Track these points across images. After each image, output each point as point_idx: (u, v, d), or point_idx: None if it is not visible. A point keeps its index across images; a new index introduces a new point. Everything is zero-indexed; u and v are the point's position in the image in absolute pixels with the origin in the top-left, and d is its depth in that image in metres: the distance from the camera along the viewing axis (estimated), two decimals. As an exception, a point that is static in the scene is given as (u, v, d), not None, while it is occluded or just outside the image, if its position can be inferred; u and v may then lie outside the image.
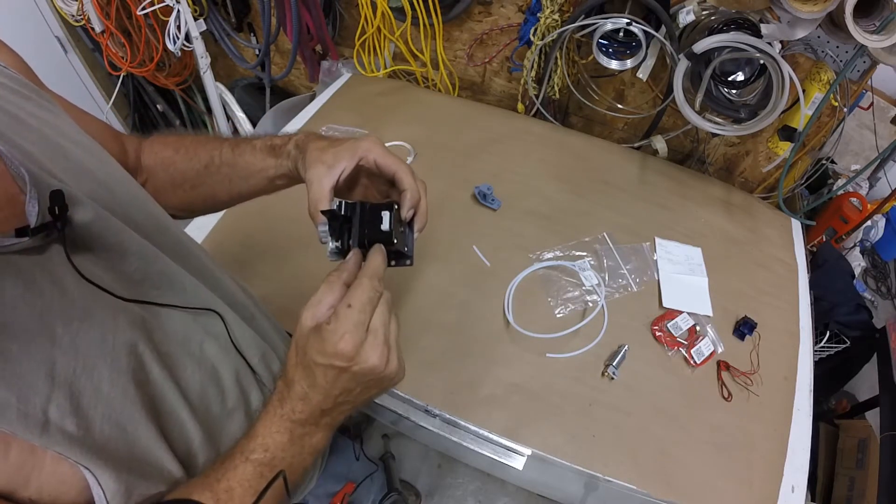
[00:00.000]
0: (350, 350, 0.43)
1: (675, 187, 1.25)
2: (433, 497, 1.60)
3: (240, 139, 0.62)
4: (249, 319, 0.61)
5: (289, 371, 0.47)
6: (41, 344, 0.36)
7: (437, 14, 1.31)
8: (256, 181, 0.61)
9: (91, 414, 0.38)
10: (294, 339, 0.47)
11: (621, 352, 0.91)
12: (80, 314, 0.39)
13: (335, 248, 0.50)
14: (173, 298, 0.49)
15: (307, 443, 0.48)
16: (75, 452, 0.36)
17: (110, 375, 0.40)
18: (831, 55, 1.09)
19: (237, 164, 0.60)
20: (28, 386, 0.35)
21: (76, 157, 0.46)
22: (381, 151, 0.53)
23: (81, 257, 0.41)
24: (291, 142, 0.58)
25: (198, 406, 0.49)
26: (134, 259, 0.46)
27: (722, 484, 0.80)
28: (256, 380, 0.59)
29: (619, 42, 1.15)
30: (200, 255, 0.57)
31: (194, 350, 0.50)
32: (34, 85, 0.48)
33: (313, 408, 0.46)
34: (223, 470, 0.45)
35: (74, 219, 0.40)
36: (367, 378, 0.46)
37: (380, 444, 1.45)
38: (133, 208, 0.48)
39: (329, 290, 0.47)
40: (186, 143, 0.63)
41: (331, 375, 0.44)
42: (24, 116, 0.44)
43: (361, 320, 0.44)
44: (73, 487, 0.37)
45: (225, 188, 0.62)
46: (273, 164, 0.59)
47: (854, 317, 1.51)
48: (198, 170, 0.62)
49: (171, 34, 1.62)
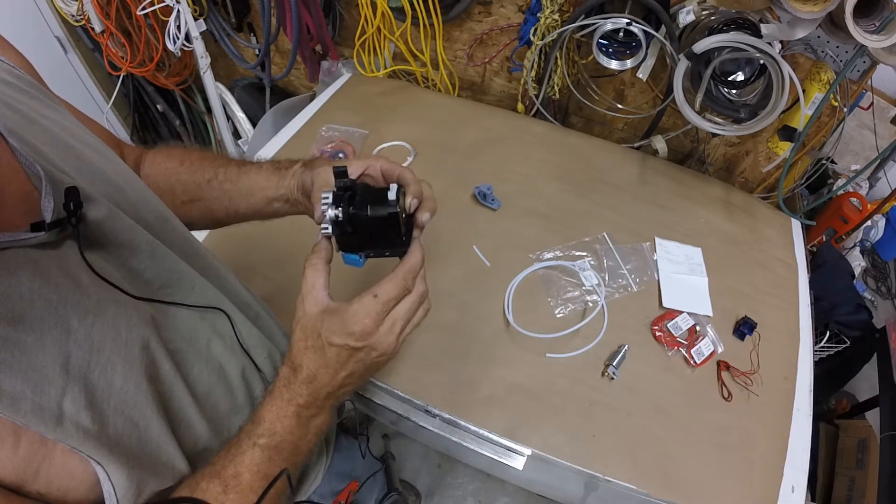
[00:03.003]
0: (368, 329, 0.45)
1: (675, 187, 1.25)
2: (433, 497, 1.60)
3: (248, 161, 0.63)
4: (255, 318, 0.62)
5: (295, 356, 0.48)
6: (57, 336, 0.36)
7: (437, 14, 1.31)
8: (256, 200, 0.61)
9: (105, 408, 0.38)
10: (300, 324, 0.48)
11: (621, 352, 0.91)
12: (94, 308, 0.39)
13: (333, 217, 0.46)
14: (182, 297, 0.50)
15: (313, 423, 0.49)
16: (88, 447, 0.36)
17: (124, 369, 0.40)
18: (831, 55, 1.09)
19: (240, 182, 0.61)
20: (43, 378, 0.35)
21: (86, 156, 0.46)
22: (387, 163, 0.55)
23: (94, 254, 0.41)
24: (299, 162, 0.60)
25: (205, 404, 0.49)
26: (144, 257, 0.46)
27: (722, 484, 0.80)
28: (262, 378, 0.59)
29: (619, 42, 1.15)
30: (206, 255, 0.58)
31: (202, 348, 0.51)
32: (41, 87, 0.49)
33: (319, 389, 0.48)
34: (230, 457, 0.45)
35: (88, 216, 0.41)
36: (372, 361, 0.48)
37: (380, 444, 1.45)
38: (142, 207, 0.49)
39: (315, 272, 0.48)
40: (192, 157, 0.64)
41: (343, 355, 0.46)
42: (34, 116, 0.44)
43: (383, 310, 0.46)
44: (83, 482, 0.37)
45: (223, 205, 0.63)
46: (275, 183, 0.59)
47: (854, 317, 1.51)
48: (200, 183, 0.62)
49: (171, 34, 1.62)
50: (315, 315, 0.47)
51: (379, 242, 0.48)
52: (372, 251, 0.49)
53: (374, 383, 0.86)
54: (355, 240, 0.48)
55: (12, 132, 0.40)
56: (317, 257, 0.49)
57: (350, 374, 0.48)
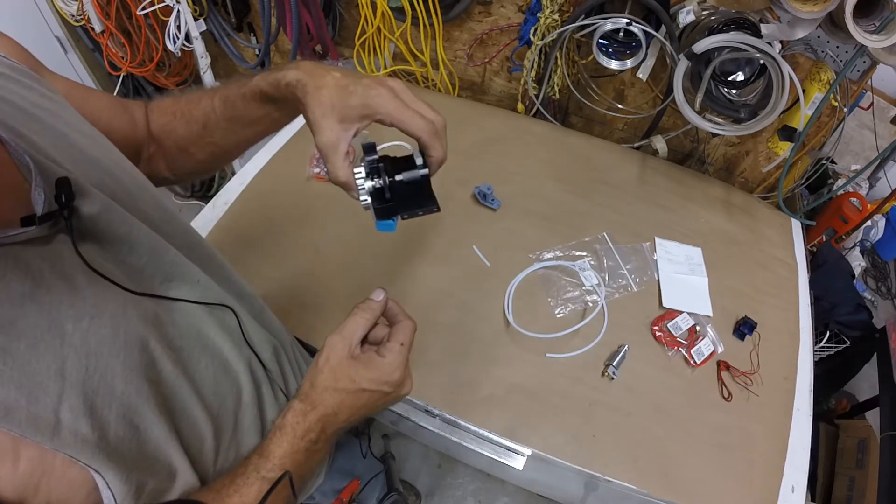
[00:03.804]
0: (399, 379, 0.51)
1: (675, 187, 1.25)
2: (433, 497, 1.60)
3: (227, 89, 0.57)
4: (259, 313, 0.61)
5: (315, 395, 0.49)
6: (50, 342, 0.35)
7: (437, 14, 1.31)
8: (262, 126, 0.59)
9: (105, 414, 0.36)
10: (327, 364, 0.50)
11: (621, 352, 0.91)
12: (90, 310, 0.38)
13: (371, 189, 0.49)
14: (187, 292, 0.48)
15: (318, 455, 0.51)
16: (87, 455, 0.35)
17: (123, 373, 0.38)
18: (831, 55, 1.09)
19: (234, 118, 0.58)
20: (38, 386, 0.33)
21: (82, 145, 0.45)
22: (396, 106, 0.47)
23: (89, 249, 0.40)
24: (287, 87, 0.50)
25: (211, 401, 0.48)
26: (143, 251, 0.45)
27: (722, 484, 0.80)
28: (268, 376, 0.58)
29: (619, 42, 1.15)
30: (208, 246, 0.57)
31: (207, 344, 0.50)
32: (35, 73, 0.47)
33: (336, 425, 0.50)
34: (235, 486, 0.45)
35: (81, 209, 0.39)
36: (394, 398, 0.53)
37: (380, 444, 1.45)
38: (140, 198, 0.47)
39: (358, 322, 0.52)
40: (182, 106, 0.61)
41: (375, 397, 0.51)
42: (26, 106, 0.42)
43: (407, 356, 0.52)
44: (82, 488, 0.36)
45: (231, 139, 0.60)
46: (273, 108, 0.55)
47: (854, 317, 1.51)
48: (198, 131, 0.60)
49: (171, 34, 1.62)
50: (343, 359, 0.50)
51: (413, 204, 0.51)
52: (406, 213, 0.51)
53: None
54: (391, 206, 0.51)
55: (2, 123, 0.38)
56: (368, 311, 0.52)
57: (369, 410, 0.52)
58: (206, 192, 2.29)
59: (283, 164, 1.19)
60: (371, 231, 0.51)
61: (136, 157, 0.60)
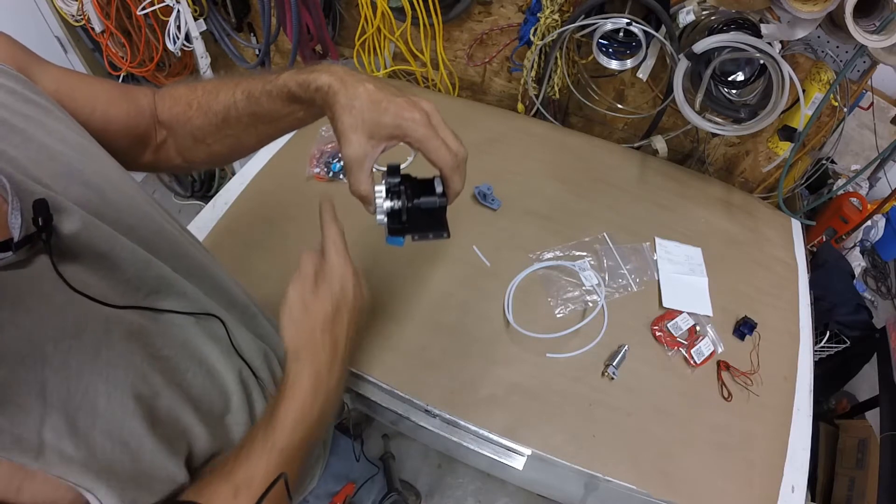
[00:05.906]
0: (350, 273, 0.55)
1: (675, 187, 1.25)
2: (433, 497, 1.60)
3: (250, 83, 0.55)
4: (251, 319, 0.61)
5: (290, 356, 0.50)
6: (31, 365, 0.35)
7: (437, 14, 1.31)
8: (285, 124, 0.57)
9: (90, 433, 0.36)
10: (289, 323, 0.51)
11: (621, 352, 0.91)
12: (71, 330, 0.38)
13: (389, 209, 0.51)
14: (174, 303, 0.48)
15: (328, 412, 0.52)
16: (74, 474, 0.35)
17: (107, 391, 0.38)
18: (831, 55, 1.09)
19: (257, 114, 0.55)
20: (18, 409, 0.33)
21: (65, 158, 0.43)
22: (426, 134, 0.47)
23: (71, 267, 0.39)
24: (317, 91, 0.49)
25: (201, 408, 0.48)
26: (126, 266, 0.44)
27: (722, 484, 0.80)
28: (259, 383, 0.59)
29: (619, 42, 1.15)
30: (197, 256, 0.56)
31: (195, 354, 0.50)
32: (21, 75, 0.45)
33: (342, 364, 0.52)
34: (241, 460, 0.45)
35: (61, 228, 0.38)
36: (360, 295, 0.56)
37: (380, 444, 1.45)
38: (126, 212, 0.46)
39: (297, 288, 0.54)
40: (199, 96, 0.58)
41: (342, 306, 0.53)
42: (7, 116, 0.41)
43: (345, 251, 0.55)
44: (70, 492, 0.36)
45: (252, 134, 0.58)
46: (299, 108, 0.54)
47: (854, 317, 1.51)
48: (216, 124, 0.57)
49: (171, 34, 1.62)
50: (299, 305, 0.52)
51: (425, 227, 0.53)
52: (418, 235, 0.53)
53: (374, 383, 0.86)
54: (404, 227, 0.52)
55: None
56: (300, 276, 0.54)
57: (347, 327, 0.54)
58: (206, 192, 2.29)
59: (283, 164, 1.19)
60: (371, 231, 0.52)
61: (140, 145, 0.59)
